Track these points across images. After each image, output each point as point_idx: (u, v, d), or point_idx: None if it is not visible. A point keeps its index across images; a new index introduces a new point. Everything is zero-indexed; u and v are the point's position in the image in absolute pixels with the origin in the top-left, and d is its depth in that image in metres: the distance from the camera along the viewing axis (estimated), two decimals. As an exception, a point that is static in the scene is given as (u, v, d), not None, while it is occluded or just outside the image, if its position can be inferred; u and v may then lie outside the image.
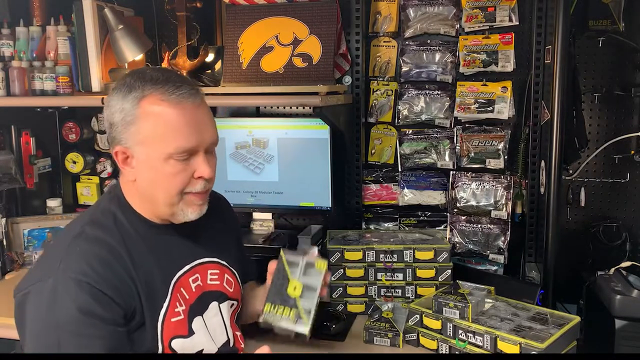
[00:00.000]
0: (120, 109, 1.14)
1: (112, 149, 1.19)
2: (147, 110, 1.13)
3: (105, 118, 1.18)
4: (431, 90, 2.12)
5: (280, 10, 1.99)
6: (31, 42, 2.15)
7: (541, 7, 1.94)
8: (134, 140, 1.14)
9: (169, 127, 1.13)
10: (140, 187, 1.19)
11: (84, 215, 1.22)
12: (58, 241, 1.19)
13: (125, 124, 1.14)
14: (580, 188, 2.04)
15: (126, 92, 1.14)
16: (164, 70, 1.21)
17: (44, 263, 1.16)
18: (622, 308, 1.58)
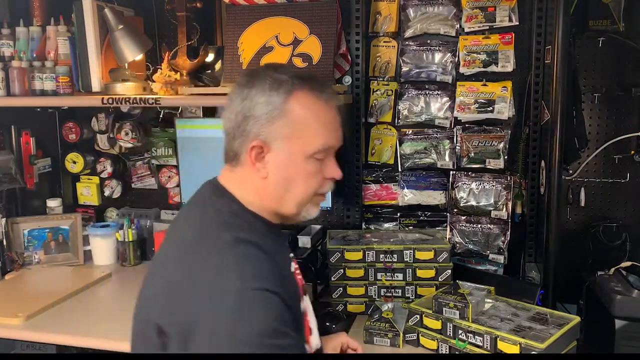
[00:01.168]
0: (267, 102, 1.07)
1: (243, 143, 1.10)
2: (298, 106, 1.08)
3: (236, 110, 1.09)
4: (431, 90, 2.12)
5: (280, 10, 1.99)
6: (31, 42, 2.15)
7: (541, 7, 1.94)
8: (277, 135, 1.08)
9: (319, 124, 1.11)
10: (271, 185, 1.11)
11: (211, 222, 1.09)
12: (205, 255, 1.03)
13: (271, 118, 1.07)
14: (580, 188, 2.04)
15: (274, 86, 1.08)
16: (298, 68, 1.21)
17: (203, 283, 1.00)
18: (622, 308, 1.58)
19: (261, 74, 1.11)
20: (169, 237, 1.19)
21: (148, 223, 2.38)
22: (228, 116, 1.11)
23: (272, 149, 1.09)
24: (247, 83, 1.10)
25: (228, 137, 1.12)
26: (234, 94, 1.11)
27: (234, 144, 1.11)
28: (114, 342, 1.66)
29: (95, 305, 1.96)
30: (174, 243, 1.14)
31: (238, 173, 1.13)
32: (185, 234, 1.11)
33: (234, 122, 1.10)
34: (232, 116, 1.10)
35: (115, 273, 2.22)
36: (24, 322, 1.76)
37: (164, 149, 2.38)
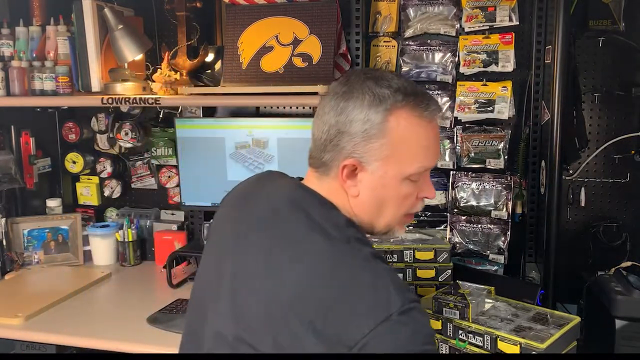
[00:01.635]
0: (364, 119, 0.99)
1: (335, 158, 1.02)
2: (398, 125, 1.00)
3: (330, 123, 1.02)
4: (431, 90, 2.11)
5: (280, 10, 1.99)
6: (31, 42, 2.15)
7: (541, 7, 1.94)
8: (374, 156, 1.00)
9: (420, 147, 1.03)
10: (363, 205, 1.05)
11: (333, 234, 0.99)
12: (348, 274, 0.95)
13: (368, 137, 0.99)
14: (580, 188, 2.04)
15: (374, 102, 0.99)
16: (403, 78, 1.08)
17: (358, 302, 0.91)
18: (622, 308, 1.58)
19: (360, 85, 1.02)
20: (248, 243, 1.06)
21: (148, 223, 2.38)
22: (320, 126, 1.04)
23: (367, 169, 1.01)
24: (344, 94, 1.02)
25: (317, 146, 1.05)
26: (329, 104, 1.03)
27: (324, 156, 1.03)
28: (114, 342, 1.66)
29: (95, 305, 1.96)
30: (270, 252, 1.01)
31: (328, 184, 1.06)
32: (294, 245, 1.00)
33: (327, 134, 1.02)
34: (325, 127, 1.02)
35: (115, 273, 2.22)
36: (23, 322, 1.76)
37: (163, 149, 2.38)
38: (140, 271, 2.28)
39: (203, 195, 2.18)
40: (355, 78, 1.04)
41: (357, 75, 1.05)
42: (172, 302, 1.89)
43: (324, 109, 1.04)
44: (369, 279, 0.93)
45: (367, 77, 1.03)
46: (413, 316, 0.90)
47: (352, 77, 1.05)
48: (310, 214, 1.02)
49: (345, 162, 1.01)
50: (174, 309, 1.83)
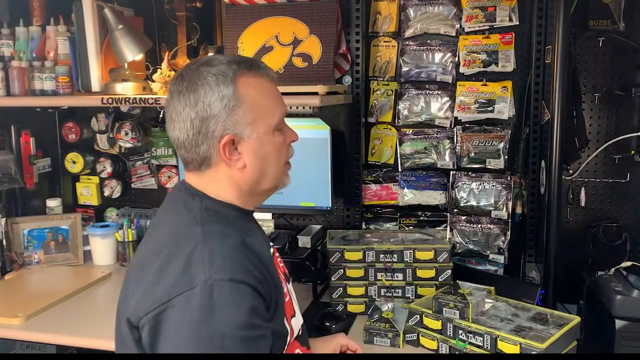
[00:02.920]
0: (219, 97, 1.07)
1: (212, 145, 1.09)
2: (247, 89, 1.10)
3: (189, 118, 1.08)
4: (431, 90, 2.12)
5: (280, 10, 1.99)
6: (31, 42, 2.15)
7: (541, 7, 1.94)
8: (242, 123, 1.09)
9: (270, 99, 1.16)
10: (250, 171, 1.13)
11: (185, 220, 1.10)
12: (176, 249, 1.04)
13: (229, 110, 1.08)
14: (580, 188, 2.04)
15: (219, 79, 1.08)
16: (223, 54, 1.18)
17: (172, 274, 1.00)
18: (622, 308, 1.58)
19: (198, 74, 1.09)
20: (145, 242, 1.18)
21: (148, 223, 2.38)
22: (180, 128, 1.10)
23: (243, 138, 1.10)
24: (188, 88, 1.08)
25: (188, 146, 1.11)
26: (178, 105, 1.09)
27: (199, 150, 1.10)
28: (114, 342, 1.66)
29: (95, 305, 1.96)
30: (150, 246, 1.13)
31: (209, 175, 1.13)
32: (162, 236, 1.11)
33: (192, 129, 1.09)
34: (187, 125, 1.09)
35: (115, 273, 2.22)
36: (23, 322, 1.76)
37: (163, 149, 2.38)
38: (140, 271, 2.28)
39: (203, 195, 2.18)
40: (188, 71, 1.11)
41: (187, 69, 1.12)
42: (172, 302, 1.88)
43: (174, 111, 1.10)
44: (187, 253, 1.01)
45: (198, 64, 1.11)
46: (216, 296, 0.96)
47: (184, 73, 1.11)
48: (179, 210, 1.13)
49: (223, 141, 1.08)
50: (174, 309, 1.83)
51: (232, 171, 1.12)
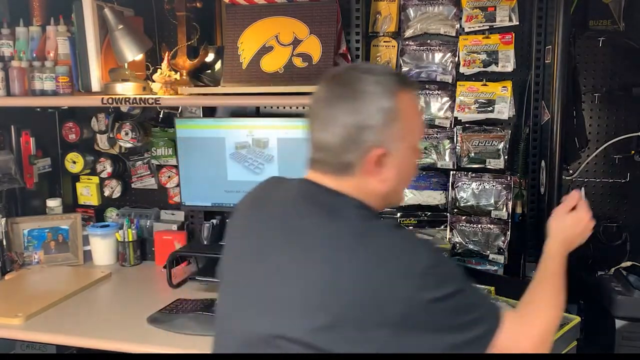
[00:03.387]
0: (380, 108, 1.05)
1: (361, 154, 1.06)
2: (404, 104, 1.08)
3: (345, 124, 1.05)
4: (431, 90, 2.11)
5: (280, 10, 1.99)
6: (31, 42, 2.15)
7: (541, 7, 1.94)
8: (394, 138, 1.07)
9: (419, 117, 1.18)
10: (390, 185, 1.11)
11: (347, 215, 1.06)
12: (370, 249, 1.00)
13: (387, 123, 1.06)
14: (581, 188, 2.04)
15: (382, 91, 1.06)
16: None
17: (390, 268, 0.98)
18: (622, 308, 1.58)
19: (360, 79, 1.07)
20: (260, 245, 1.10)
21: (148, 223, 2.38)
22: (333, 131, 1.06)
23: (391, 152, 1.07)
24: (349, 93, 1.06)
25: (333, 151, 1.07)
26: (335, 106, 1.07)
27: (346, 157, 1.06)
28: (114, 342, 1.66)
29: (95, 305, 1.96)
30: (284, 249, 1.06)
31: (347, 181, 1.09)
32: (307, 238, 1.05)
33: (346, 136, 1.05)
34: (341, 130, 1.05)
35: (115, 273, 2.22)
36: (23, 322, 1.76)
37: (164, 149, 2.38)
38: (140, 271, 2.28)
39: (203, 195, 2.18)
40: (349, 76, 1.09)
41: (348, 73, 1.11)
42: (172, 302, 1.89)
43: (329, 114, 1.07)
44: (398, 244, 1.02)
45: (360, 71, 1.10)
46: (443, 265, 1.02)
47: (343, 76, 1.11)
48: (324, 206, 1.07)
49: (374, 152, 1.06)
50: (174, 309, 1.83)
51: (371, 182, 1.09)
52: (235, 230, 1.22)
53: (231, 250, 1.20)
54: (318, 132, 1.09)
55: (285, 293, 1.02)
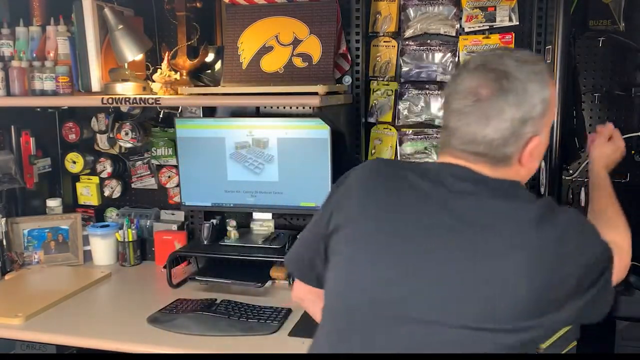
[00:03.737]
0: (541, 99, 1.04)
1: (520, 146, 1.05)
2: (553, 92, 1.09)
3: (511, 118, 1.03)
4: (431, 90, 2.12)
5: (280, 10, 1.99)
6: (31, 42, 2.15)
7: (541, 7, 1.94)
8: (545, 126, 1.08)
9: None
10: (531, 173, 1.13)
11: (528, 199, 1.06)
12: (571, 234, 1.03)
13: (544, 113, 1.06)
14: (580, 188, 2.04)
15: (542, 82, 1.05)
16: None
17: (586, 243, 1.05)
18: (622, 308, 1.58)
19: (522, 70, 1.04)
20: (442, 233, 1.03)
21: (148, 223, 2.38)
22: (496, 125, 1.03)
23: (540, 140, 1.07)
24: (514, 85, 1.03)
25: (493, 145, 1.04)
26: (500, 100, 1.02)
27: (506, 150, 1.04)
28: (114, 342, 1.66)
29: (95, 305, 1.96)
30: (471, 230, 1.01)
31: (500, 172, 1.07)
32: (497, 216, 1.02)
33: (510, 130, 1.03)
34: (506, 125, 1.02)
35: (115, 273, 2.22)
36: (23, 322, 1.76)
37: (164, 149, 2.38)
38: (140, 271, 2.28)
39: (203, 195, 2.18)
40: (508, 67, 1.04)
41: (508, 65, 1.05)
42: (172, 302, 1.89)
43: (493, 109, 1.03)
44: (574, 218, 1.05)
45: (520, 62, 1.05)
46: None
47: (501, 67, 1.04)
48: (497, 189, 1.06)
49: (532, 144, 1.05)
50: (174, 309, 1.83)
51: (521, 171, 1.09)
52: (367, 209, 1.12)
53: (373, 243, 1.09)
54: (475, 126, 1.04)
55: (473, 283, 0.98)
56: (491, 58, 1.07)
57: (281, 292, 2.03)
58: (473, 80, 1.05)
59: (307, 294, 1.32)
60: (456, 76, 1.09)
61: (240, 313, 1.78)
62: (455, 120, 1.07)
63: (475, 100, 1.04)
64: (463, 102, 1.05)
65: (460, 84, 1.07)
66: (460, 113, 1.06)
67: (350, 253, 1.11)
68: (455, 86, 1.08)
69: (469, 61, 1.11)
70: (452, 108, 1.07)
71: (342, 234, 1.13)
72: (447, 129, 1.09)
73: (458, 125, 1.06)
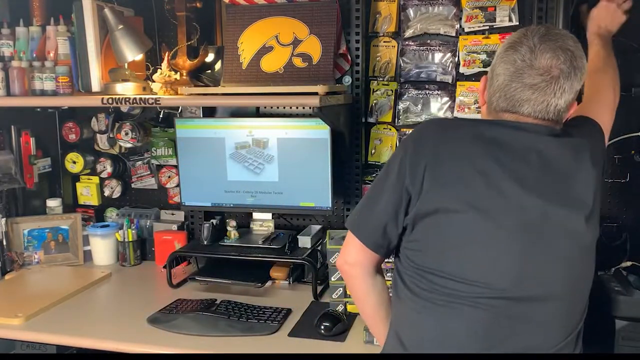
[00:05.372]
0: (584, 72, 1.23)
1: (571, 106, 1.23)
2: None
3: (577, 90, 1.21)
4: (431, 90, 2.12)
5: (280, 10, 1.99)
6: (31, 42, 2.15)
7: (541, 7, 1.94)
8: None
9: None
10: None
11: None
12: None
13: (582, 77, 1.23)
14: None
15: (582, 53, 1.22)
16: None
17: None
18: (622, 308, 1.58)
19: (576, 47, 1.19)
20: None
21: (148, 223, 2.38)
22: (567, 98, 1.19)
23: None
24: (579, 63, 1.19)
25: (562, 111, 1.21)
26: (573, 78, 1.18)
27: (565, 114, 1.23)
28: (114, 342, 1.66)
29: (95, 305, 1.96)
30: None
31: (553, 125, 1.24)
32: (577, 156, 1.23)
33: (573, 98, 1.21)
34: (572, 95, 1.20)
35: (115, 273, 2.22)
36: (23, 322, 1.76)
37: (164, 149, 2.38)
38: (140, 271, 2.28)
39: (203, 195, 2.18)
40: (576, 49, 1.19)
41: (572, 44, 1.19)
42: (172, 302, 1.89)
43: (569, 85, 1.18)
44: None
45: (573, 42, 1.20)
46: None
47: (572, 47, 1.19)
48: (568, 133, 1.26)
49: (573, 106, 1.24)
50: (174, 309, 1.83)
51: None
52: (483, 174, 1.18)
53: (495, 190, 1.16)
54: (549, 98, 1.18)
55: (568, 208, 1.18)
56: (555, 35, 1.19)
57: (281, 292, 2.03)
58: (549, 57, 1.17)
59: (365, 265, 1.32)
60: (527, 50, 1.18)
61: (240, 313, 1.78)
62: (529, 93, 1.18)
63: (551, 77, 1.17)
64: (539, 78, 1.17)
65: (535, 61, 1.17)
66: (536, 88, 1.18)
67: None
68: (529, 59, 1.18)
69: (533, 36, 1.20)
70: (525, 82, 1.18)
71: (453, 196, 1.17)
72: (514, 99, 1.20)
73: (532, 97, 1.18)
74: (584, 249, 1.23)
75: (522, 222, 1.14)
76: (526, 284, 1.15)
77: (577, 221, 1.17)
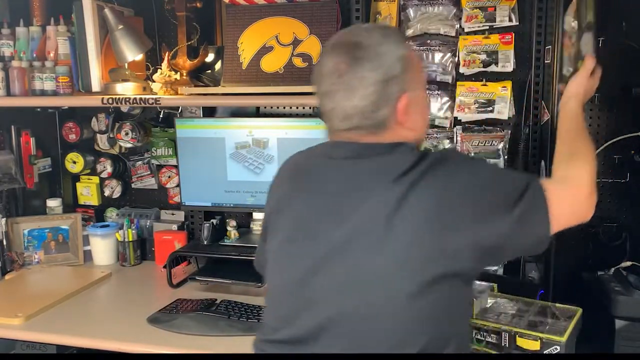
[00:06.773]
0: (397, 57, 1.12)
1: (393, 107, 1.10)
2: (412, 51, 1.18)
3: (374, 81, 1.09)
4: (431, 90, 2.11)
5: (280, 10, 1.99)
6: (31, 42, 2.15)
7: (541, 7, 1.94)
8: (413, 83, 1.13)
9: (422, 64, 1.32)
10: (417, 128, 1.16)
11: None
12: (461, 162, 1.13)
13: (406, 69, 1.12)
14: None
15: (395, 41, 1.13)
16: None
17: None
18: (622, 308, 1.58)
19: (371, 36, 1.10)
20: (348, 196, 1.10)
21: (148, 223, 2.38)
22: (362, 94, 1.08)
23: (413, 98, 1.11)
24: (368, 51, 1.08)
25: (366, 113, 1.09)
26: (359, 69, 1.07)
27: (380, 114, 1.09)
28: (114, 342, 1.66)
29: (95, 305, 1.96)
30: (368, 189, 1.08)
31: (386, 136, 1.12)
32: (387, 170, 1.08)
33: (375, 93, 1.08)
34: (371, 89, 1.07)
35: (115, 273, 2.22)
36: (24, 322, 1.76)
37: (164, 149, 2.38)
38: (140, 271, 2.28)
39: (203, 195, 2.19)
40: (358, 38, 1.10)
41: (357, 35, 1.11)
42: (172, 302, 1.89)
43: (355, 79, 1.08)
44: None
45: (368, 30, 1.13)
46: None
47: (351, 40, 1.10)
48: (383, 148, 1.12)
49: (401, 102, 1.09)
50: (174, 309, 1.83)
51: (403, 131, 1.12)
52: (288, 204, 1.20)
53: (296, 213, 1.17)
54: (344, 102, 1.09)
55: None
56: (342, 34, 1.14)
57: (281, 292, 2.03)
58: (331, 59, 1.10)
59: None
60: (318, 62, 1.14)
61: (240, 313, 1.78)
62: (327, 101, 1.12)
63: (338, 77, 1.09)
64: (328, 81, 1.10)
65: (323, 66, 1.12)
66: (329, 93, 1.11)
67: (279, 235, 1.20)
68: (319, 69, 1.13)
69: (326, 44, 1.16)
70: (321, 91, 1.13)
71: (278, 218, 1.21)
72: (325, 114, 1.14)
73: (331, 105, 1.11)
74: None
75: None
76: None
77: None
